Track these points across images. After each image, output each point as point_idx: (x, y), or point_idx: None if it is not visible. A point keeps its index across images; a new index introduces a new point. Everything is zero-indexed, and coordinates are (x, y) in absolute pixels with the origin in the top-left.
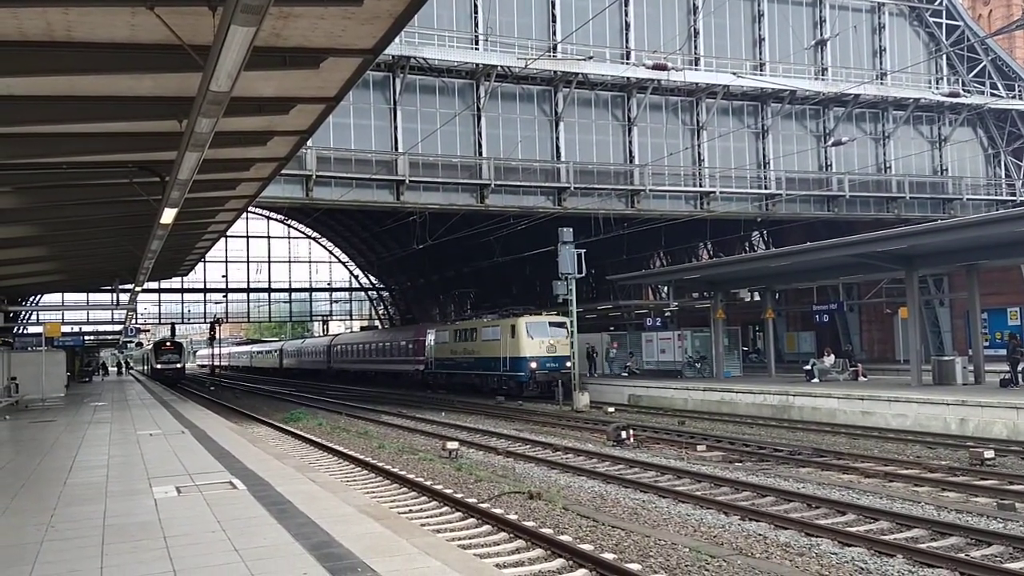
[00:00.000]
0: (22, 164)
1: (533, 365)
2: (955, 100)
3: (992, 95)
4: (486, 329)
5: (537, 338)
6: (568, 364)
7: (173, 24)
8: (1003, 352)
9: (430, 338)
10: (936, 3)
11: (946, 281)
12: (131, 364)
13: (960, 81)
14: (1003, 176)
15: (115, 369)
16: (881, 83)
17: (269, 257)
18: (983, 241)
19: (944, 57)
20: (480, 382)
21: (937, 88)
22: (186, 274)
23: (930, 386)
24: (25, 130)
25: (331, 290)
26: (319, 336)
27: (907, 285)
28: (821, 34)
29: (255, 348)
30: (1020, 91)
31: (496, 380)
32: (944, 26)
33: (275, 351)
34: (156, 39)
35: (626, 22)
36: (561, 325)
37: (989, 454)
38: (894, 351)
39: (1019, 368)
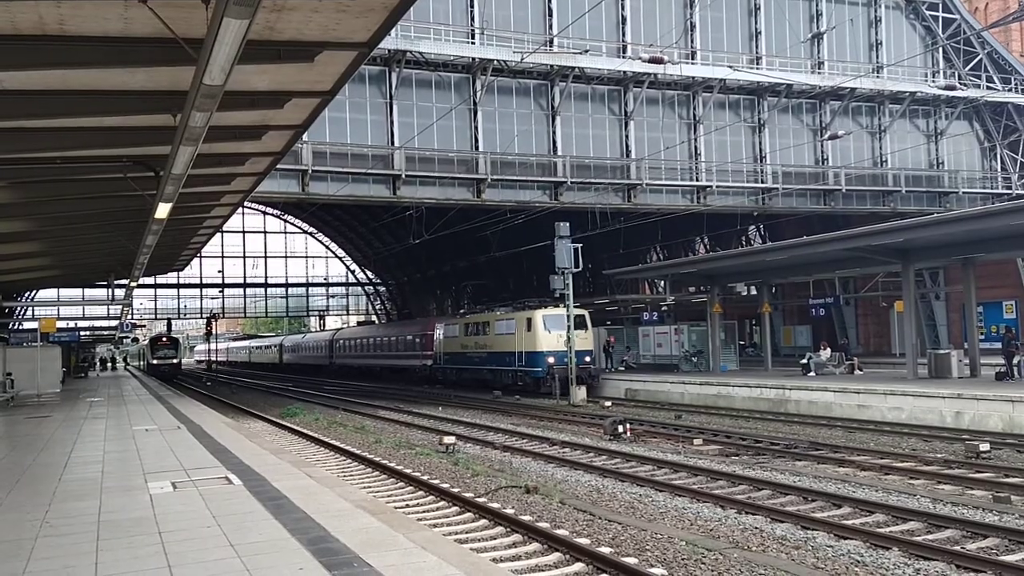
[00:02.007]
0: (15, 159)
1: (551, 360)
2: (951, 93)
3: (988, 88)
4: (499, 322)
5: (555, 332)
6: (587, 359)
7: (166, 17)
8: (999, 345)
9: (439, 332)
10: None
11: (942, 275)
12: (127, 360)
13: (956, 74)
14: (999, 169)
15: (110, 364)
16: (877, 77)
17: (266, 252)
18: (979, 235)
19: (940, 50)
20: (493, 378)
21: (933, 81)
22: (182, 269)
23: (926, 379)
24: (18, 124)
25: (328, 285)
26: (319, 331)
27: (903, 279)
28: (817, 27)
29: (253, 343)
30: (1016, 84)
31: (511, 376)
32: (940, 19)
33: (274, 346)
34: (149, 32)
35: (622, 16)
36: (580, 318)
37: (985, 447)
38: (890, 345)
39: (1014, 361)
